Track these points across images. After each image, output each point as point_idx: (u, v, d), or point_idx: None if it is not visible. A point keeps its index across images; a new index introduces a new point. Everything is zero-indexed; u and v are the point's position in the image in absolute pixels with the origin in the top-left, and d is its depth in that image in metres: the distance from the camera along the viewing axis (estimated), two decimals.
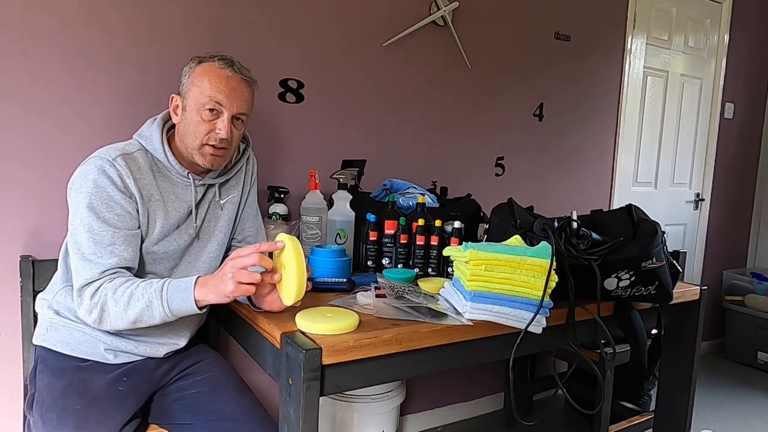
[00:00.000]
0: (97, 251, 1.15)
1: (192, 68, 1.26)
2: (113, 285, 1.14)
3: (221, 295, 1.08)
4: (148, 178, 1.24)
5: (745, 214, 3.66)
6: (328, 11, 1.92)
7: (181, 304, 1.12)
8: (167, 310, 1.12)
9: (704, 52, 3.22)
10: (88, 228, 1.16)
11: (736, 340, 3.39)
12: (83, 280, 1.15)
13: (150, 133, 1.28)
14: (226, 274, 1.08)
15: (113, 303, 1.13)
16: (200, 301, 1.11)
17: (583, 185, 2.78)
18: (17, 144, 1.48)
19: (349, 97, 2.00)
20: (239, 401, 1.30)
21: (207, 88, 1.22)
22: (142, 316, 1.13)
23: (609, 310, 1.41)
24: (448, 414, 2.46)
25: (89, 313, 1.14)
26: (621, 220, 1.40)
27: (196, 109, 1.23)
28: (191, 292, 1.11)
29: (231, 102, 1.24)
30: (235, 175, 1.42)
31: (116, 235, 1.17)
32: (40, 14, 1.48)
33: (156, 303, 1.12)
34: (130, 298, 1.12)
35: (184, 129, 1.26)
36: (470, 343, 1.19)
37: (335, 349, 1.00)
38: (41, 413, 1.19)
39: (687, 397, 1.67)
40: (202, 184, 1.33)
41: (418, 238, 1.58)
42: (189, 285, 1.12)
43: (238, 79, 1.25)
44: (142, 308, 1.12)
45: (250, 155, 1.47)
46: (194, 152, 1.26)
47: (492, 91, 2.37)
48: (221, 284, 1.08)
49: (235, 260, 1.08)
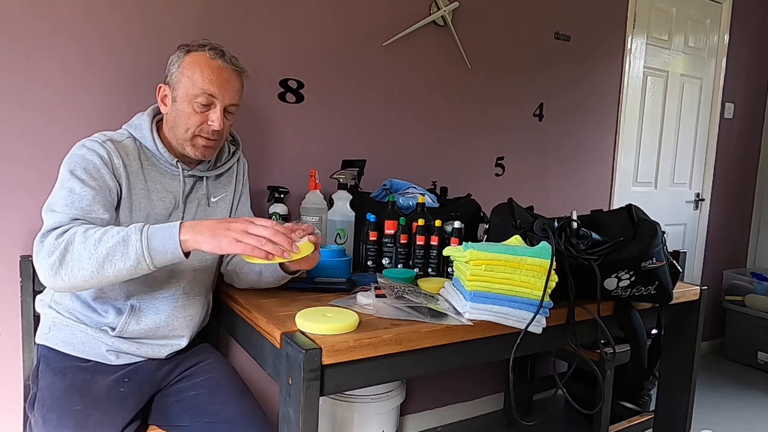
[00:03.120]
0: (72, 208, 1.10)
1: (181, 57, 1.24)
2: (85, 227, 1.06)
3: (216, 244, 1.03)
4: (135, 165, 1.23)
5: (745, 214, 3.66)
6: (328, 11, 1.92)
7: (162, 242, 1.02)
8: (145, 248, 1.01)
9: (704, 52, 3.22)
10: (69, 189, 1.12)
11: (736, 340, 3.39)
12: (50, 225, 1.08)
13: (140, 123, 1.28)
14: (232, 230, 1.04)
15: (82, 240, 1.03)
16: (186, 241, 1.03)
17: (583, 185, 2.78)
18: (17, 144, 1.48)
19: (349, 97, 2.00)
20: (239, 404, 1.29)
21: (199, 80, 1.21)
22: (114, 253, 1.01)
23: (609, 310, 1.41)
24: (448, 414, 2.46)
25: (49, 255, 1.03)
26: (621, 220, 1.40)
27: (188, 101, 1.22)
28: (176, 230, 1.03)
29: (223, 93, 1.23)
30: (226, 174, 1.41)
31: (96, 198, 1.13)
32: (39, 14, 1.47)
33: (134, 238, 1.02)
34: (103, 235, 1.03)
35: (174, 120, 1.25)
36: (470, 343, 1.19)
37: (335, 349, 1.00)
38: (42, 413, 1.18)
39: (687, 397, 1.67)
40: (191, 175, 1.32)
41: (418, 238, 1.58)
42: (174, 224, 1.05)
43: (230, 70, 1.24)
44: (115, 243, 1.02)
45: (241, 156, 1.46)
46: (185, 143, 1.25)
47: (492, 91, 2.37)
48: (221, 233, 1.03)
49: (248, 224, 1.05)
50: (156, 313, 1.27)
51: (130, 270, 1.04)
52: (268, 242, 1.04)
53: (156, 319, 1.27)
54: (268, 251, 1.04)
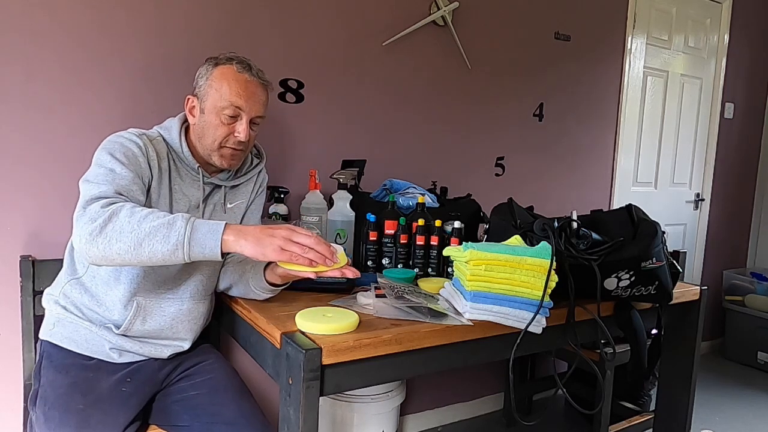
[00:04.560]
0: (113, 184, 1.12)
1: (209, 70, 1.28)
2: (132, 203, 1.07)
3: (260, 251, 1.04)
4: (164, 163, 1.27)
5: (745, 214, 3.66)
6: (329, 11, 1.92)
7: (205, 235, 1.03)
8: (187, 237, 1.02)
9: (704, 52, 3.22)
10: (109, 169, 1.14)
11: (736, 340, 3.39)
12: (94, 194, 1.08)
13: (170, 125, 1.32)
14: (276, 237, 1.05)
15: (128, 214, 1.04)
16: (228, 242, 1.04)
17: (583, 185, 2.78)
18: (17, 143, 1.48)
19: (349, 97, 2.00)
20: (239, 405, 1.30)
21: (227, 93, 1.25)
22: (156, 233, 1.02)
23: (609, 310, 1.41)
24: (448, 414, 2.46)
25: (92, 221, 1.03)
26: (621, 220, 1.40)
27: (215, 113, 1.26)
28: (220, 228, 1.04)
29: (250, 106, 1.27)
30: (244, 184, 1.43)
31: (135, 180, 1.16)
32: (40, 11, 1.47)
33: (179, 224, 1.03)
34: (150, 213, 1.04)
35: (202, 130, 1.28)
36: (470, 343, 1.19)
37: (335, 349, 1.00)
38: (44, 410, 1.19)
39: (687, 397, 1.67)
40: (210, 183, 1.35)
41: (418, 238, 1.58)
42: (220, 222, 1.06)
43: (256, 83, 1.28)
44: (160, 224, 1.02)
45: (263, 170, 1.48)
46: (212, 153, 1.29)
47: (492, 91, 2.37)
48: (266, 241, 1.04)
49: (292, 232, 1.06)
50: (161, 315, 1.28)
51: (166, 255, 1.03)
52: (311, 250, 1.06)
53: (161, 321, 1.28)
54: (311, 258, 1.06)
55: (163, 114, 1.44)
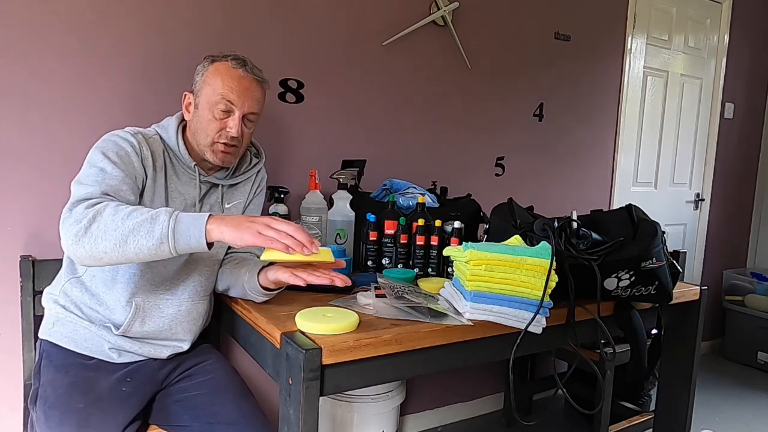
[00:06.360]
0: (102, 184, 1.13)
1: (205, 67, 1.29)
2: (117, 202, 1.08)
3: (238, 236, 1.04)
4: (160, 161, 1.27)
5: (745, 214, 3.66)
6: (328, 11, 1.92)
7: (188, 227, 1.03)
8: (171, 230, 1.02)
9: (704, 52, 3.22)
10: (100, 169, 1.15)
11: (736, 340, 3.39)
12: (81, 195, 1.09)
13: (167, 124, 1.33)
14: (255, 223, 1.04)
15: (111, 212, 1.04)
16: (211, 231, 1.04)
17: (583, 185, 2.78)
18: (17, 143, 1.48)
19: (349, 97, 2.00)
20: (239, 405, 1.30)
21: (219, 87, 1.25)
22: (140, 229, 1.02)
23: (609, 310, 1.41)
24: (448, 414, 2.46)
25: (77, 222, 1.04)
26: (621, 220, 1.40)
27: (208, 107, 1.26)
28: (204, 218, 1.04)
29: (242, 101, 1.27)
30: (242, 183, 1.43)
31: (125, 180, 1.17)
32: (40, 10, 1.48)
33: (162, 218, 1.03)
34: (133, 211, 1.05)
35: (196, 126, 1.29)
36: (470, 343, 1.19)
37: (335, 349, 1.00)
38: (44, 409, 1.19)
39: (687, 397, 1.67)
40: (207, 181, 1.34)
41: (418, 238, 1.58)
42: (203, 214, 1.06)
43: (250, 79, 1.29)
44: (143, 220, 1.03)
45: (262, 169, 1.48)
46: (206, 149, 1.29)
47: (492, 91, 2.37)
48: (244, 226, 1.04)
49: (272, 220, 1.06)
50: (160, 316, 1.28)
51: (152, 250, 1.03)
52: (289, 237, 1.05)
53: (160, 322, 1.28)
54: (288, 244, 1.05)
55: (163, 113, 1.44)
